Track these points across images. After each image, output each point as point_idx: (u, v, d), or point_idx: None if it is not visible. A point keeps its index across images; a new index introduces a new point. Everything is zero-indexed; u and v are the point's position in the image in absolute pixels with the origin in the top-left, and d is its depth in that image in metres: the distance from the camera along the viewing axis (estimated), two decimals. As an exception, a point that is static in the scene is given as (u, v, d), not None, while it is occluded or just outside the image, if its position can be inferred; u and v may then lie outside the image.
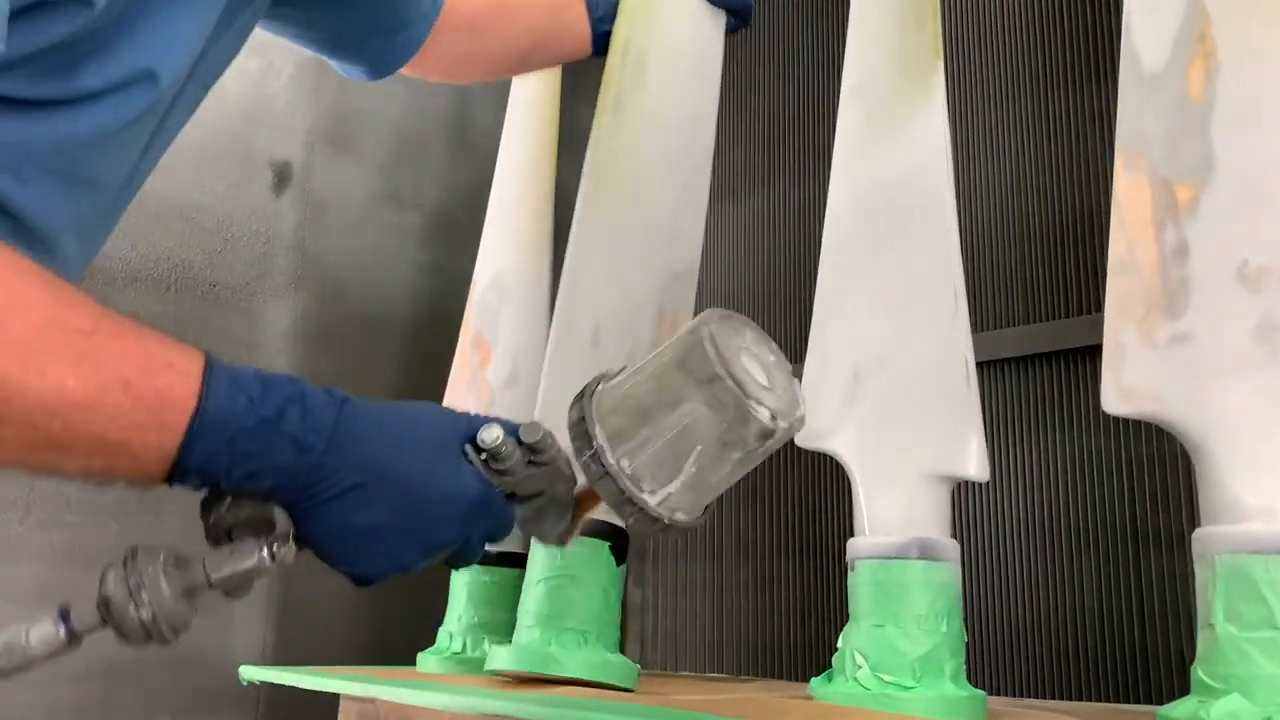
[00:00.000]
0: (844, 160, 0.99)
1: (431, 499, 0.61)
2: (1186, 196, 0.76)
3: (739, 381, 0.61)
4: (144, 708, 1.47)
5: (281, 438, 0.57)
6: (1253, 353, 0.71)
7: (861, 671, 0.82)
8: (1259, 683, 0.65)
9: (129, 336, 0.55)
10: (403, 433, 0.62)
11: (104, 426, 0.53)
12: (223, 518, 0.61)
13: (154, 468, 0.55)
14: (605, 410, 0.63)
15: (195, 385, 0.56)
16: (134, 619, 0.57)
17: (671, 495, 0.63)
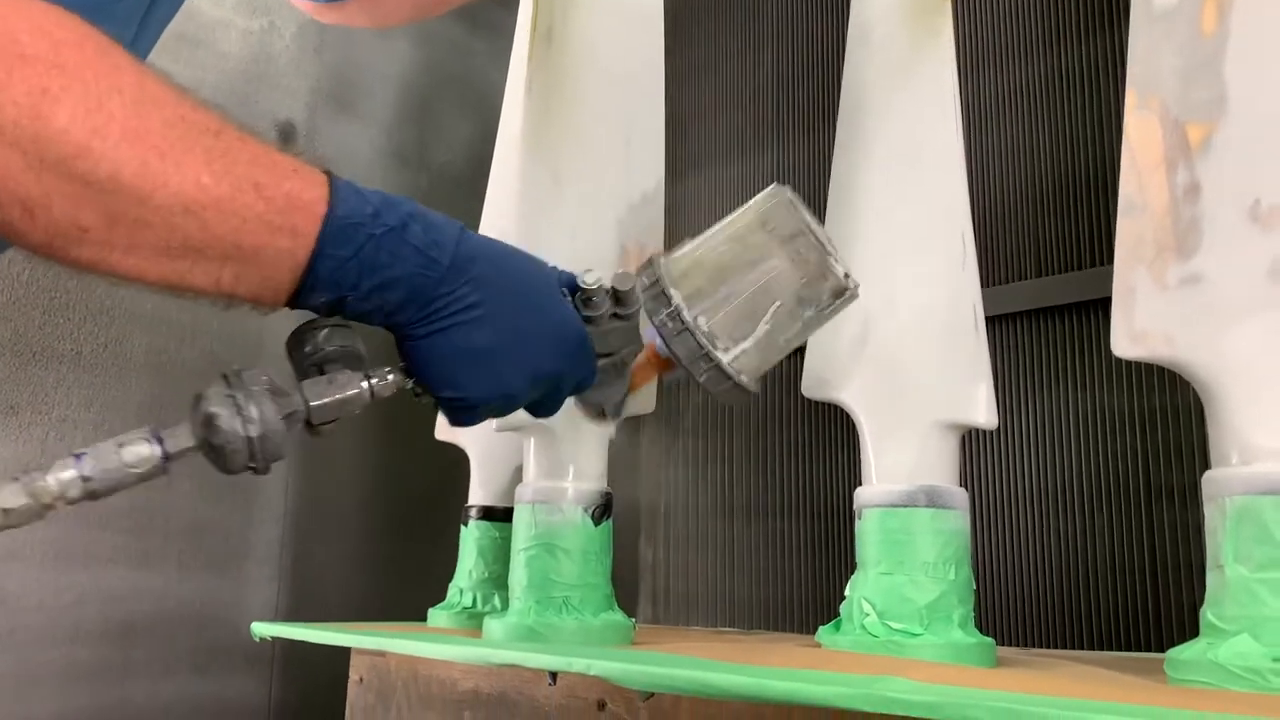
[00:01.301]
0: (850, 106, 0.97)
1: (543, 326, 0.62)
2: (1198, 136, 0.74)
3: (819, 238, 0.64)
4: (162, 667, 1.49)
5: (408, 248, 0.57)
6: (1266, 292, 0.69)
7: (869, 619, 0.82)
8: (1268, 623, 0.64)
9: (253, 143, 0.54)
10: (513, 263, 0.63)
11: (238, 229, 0.52)
12: (320, 347, 0.60)
13: (284, 277, 0.54)
14: (678, 274, 0.66)
15: (323, 191, 0.55)
16: (240, 437, 0.54)
17: (744, 353, 0.66)
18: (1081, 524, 1.35)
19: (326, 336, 0.60)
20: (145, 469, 0.55)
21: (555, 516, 0.96)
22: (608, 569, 0.99)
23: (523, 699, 0.88)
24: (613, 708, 0.81)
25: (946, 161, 0.89)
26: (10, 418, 1.40)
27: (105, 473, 0.54)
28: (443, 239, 0.59)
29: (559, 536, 0.95)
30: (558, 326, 0.63)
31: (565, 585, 0.93)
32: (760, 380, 0.68)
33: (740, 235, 0.66)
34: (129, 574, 1.46)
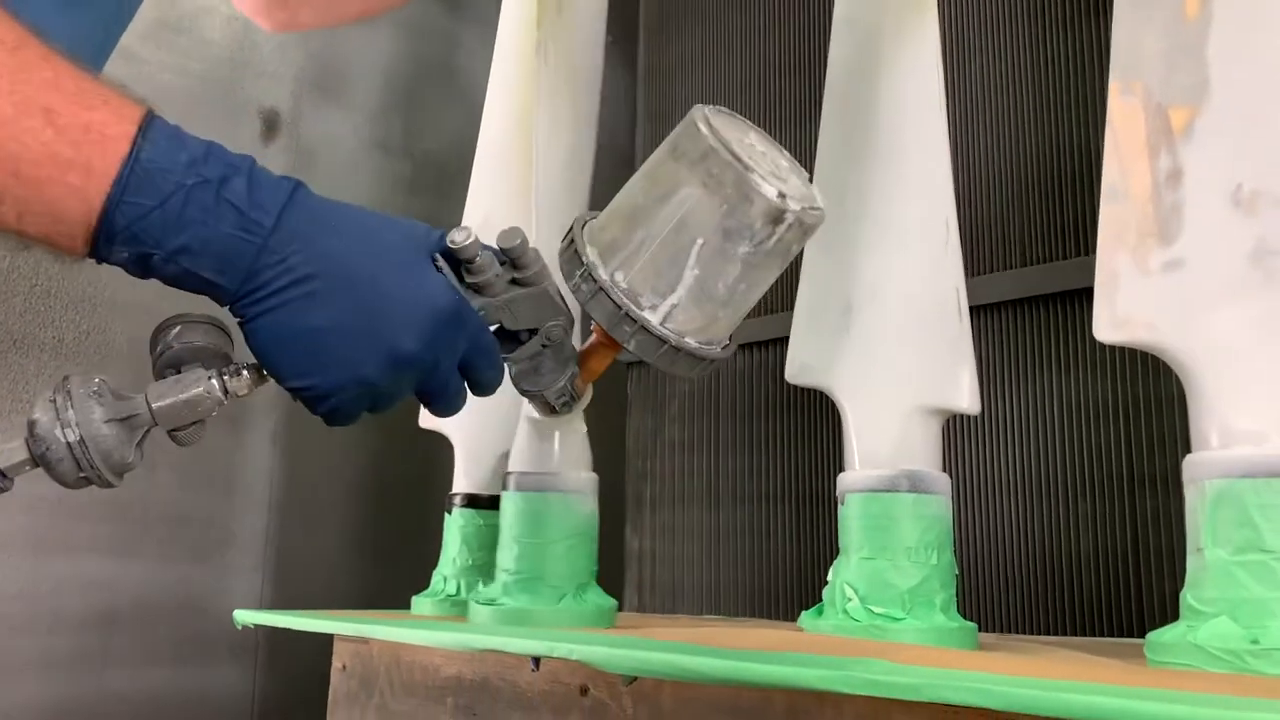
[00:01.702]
0: (835, 90, 0.97)
1: (394, 300, 0.54)
2: (1181, 120, 0.75)
3: (734, 154, 0.54)
4: (143, 656, 1.48)
5: (224, 206, 0.50)
6: (1247, 277, 0.70)
7: (851, 604, 0.82)
8: (1246, 605, 0.65)
9: (60, 65, 0.48)
10: (363, 228, 0.55)
11: (17, 155, 0.46)
12: (169, 345, 0.56)
13: (77, 219, 0.49)
14: (596, 229, 0.57)
15: (131, 128, 0.49)
16: (61, 443, 0.51)
17: (676, 309, 0.56)
18: (1064, 511, 1.36)
19: (178, 334, 0.56)
20: None
21: (542, 502, 0.96)
22: (593, 553, 0.99)
23: (505, 684, 0.88)
24: (595, 693, 0.81)
25: (931, 148, 0.89)
26: (-13, 404, 1.39)
27: None
28: (268, 199, 0.52)
29: (545, 521, 0.95)
30: (417, 297, 0.55)
31: (549, 572, 0.93)
32: (716, 338, 0.59)
33: (651, 171, 0.57)
34: (109, 563, 1.46)
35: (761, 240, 0.55)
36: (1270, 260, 0.69)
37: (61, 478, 0.53)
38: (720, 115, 0.58)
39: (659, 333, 0.56)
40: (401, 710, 0.98)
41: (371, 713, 1.01)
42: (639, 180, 0.58)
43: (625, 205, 0.57)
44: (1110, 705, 0.49)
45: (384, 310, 0.54)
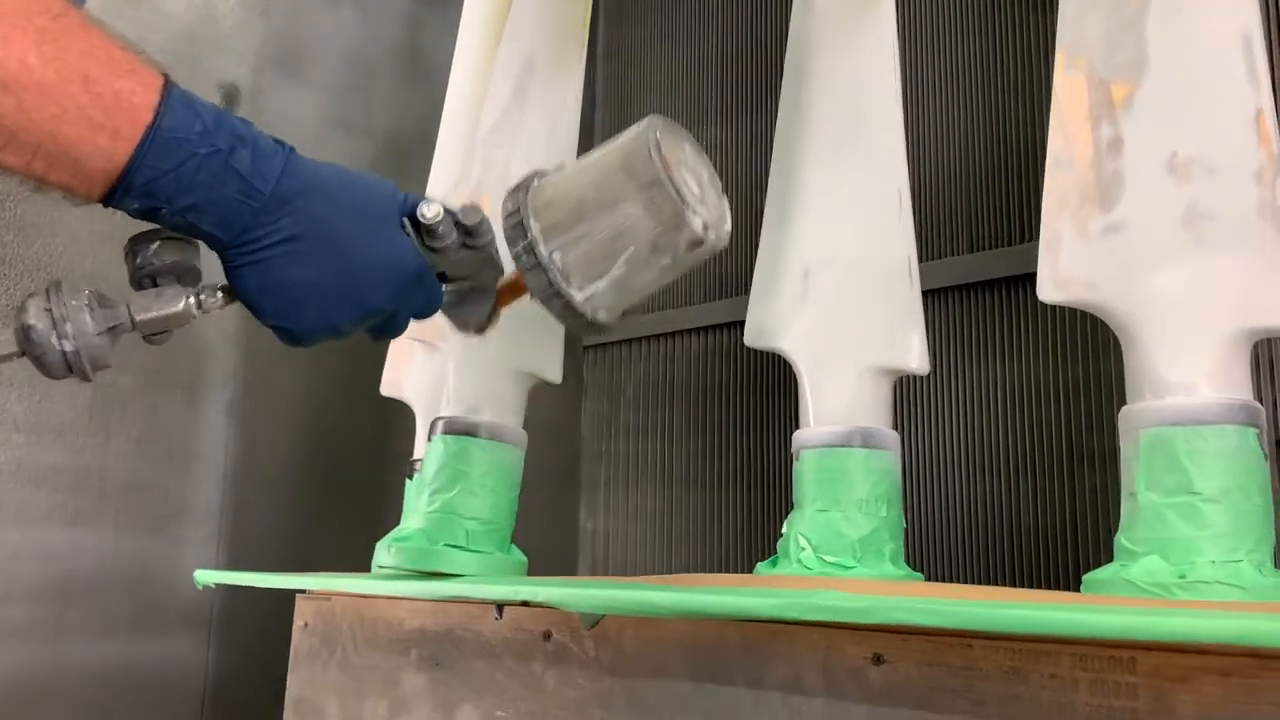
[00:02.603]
0: (794, 67, 1.01)
1: (368, 264, 0.61)
2: (1122, 94, 0.79)
3: (678, 189, 0.62)
4: (98, 626, 1.47)
5: (230, 174, 0.55)
6: (1180, 239, 0.74)
7: (805, 554, 0.86)
8: (1175, 544, 0.69)
9: (96, 35, 0.53)
10: (346, 193, 0.61)
11: (57, 118, 0.51)
12: (149, 260, 0.61)
13: (98, 176, 0.54)
14: (541, 203, 0.64)
15: (154, 98, 0.54)
16: (56, 350, 0.57)
17: (597, 293, 0.65)
18: (1006, 488, 1.41)
19: (158, 250, 0.61)
20: None
21: (467, 447, 0.97)
22: (513, 506, 1.00)
23: (469, 634, 0.90)
24: (558, 637, 0.84)
25: (886, 121, 0.93)
26: (-54, 373, 1.39)
27: None
28: (267, 167, 0.57)
29: (468, 468, 0.97)
30: (388, 261, 0.62)
31: (470, 518, 0.95)
32: (618, 315, 0.68)
33: (603, 174, 0.64)
34: (64, 532, 1.45)
35: (680, 258, 0.65)
36: (1201, 224, 0.74)
37: (48, 372, 0.58)
38: (668, 132, 0.65)
39: (580, 309, 0.65)
40: (364, 664, 0.99)
41: (334, 668, 1.02)
42: (589, 176, 0.65)
43: (574, 195, 0.65)
44: (1053, 618, 0.53)
45: (358, 271, 0.61)
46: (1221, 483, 0.69)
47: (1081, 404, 1.37)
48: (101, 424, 1.50)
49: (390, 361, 1.30)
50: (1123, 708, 0.57)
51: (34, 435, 1.44)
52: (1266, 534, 0.69)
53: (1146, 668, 0.57)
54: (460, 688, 0.90)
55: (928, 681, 0.64)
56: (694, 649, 0.75)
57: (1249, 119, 0.73)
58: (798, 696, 0.70)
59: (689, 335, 1.81)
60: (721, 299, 1.74)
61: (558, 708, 0.82)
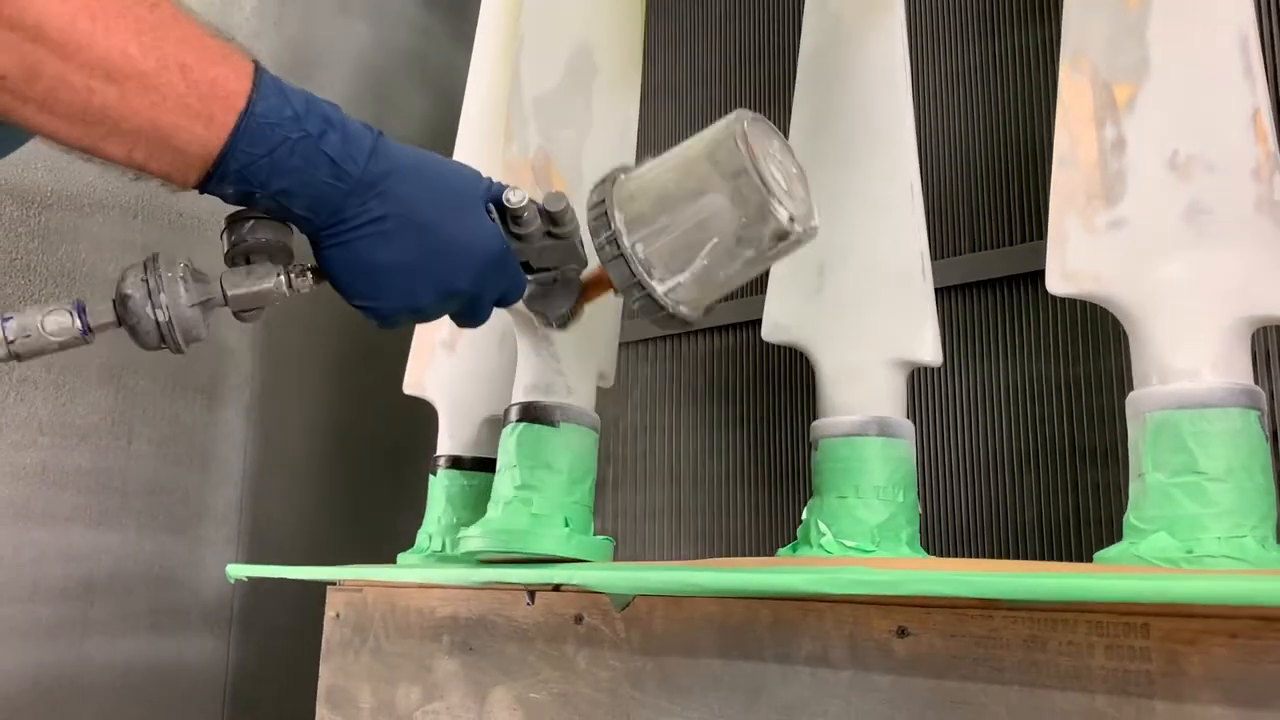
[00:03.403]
0: (807, 71, 1.04)
1: (453, 245, 0.62)
2: (1124, 96, 0.83)
3: (764, 179, 0.62)
4: (121, 625, 1.51)
5: (321, 158, 0.57)
6: (1182, 233, 0.78)
7: (825, 539, 0.89)
8: (1182, 521, 0.72)
9: (190, 24, 0.54)
10: (432, 176, 0.62)
11: (156, 105, 0.52)
12: (244, 238, 0.62)
13: (195, 163, 0.55)
14: (626, 195, 0.65)
15: (247, 85, 0.55)
16: (150, 319, 0.58)
17: (680, 286, 0.65)
18: (1010, 482, 1.44)
19: (252, 228, 0.62)
20: (65, 338, 0.59)
21: (547, 435, 0.99)
22: (591, 496, 1.02)
23: (501, 619, 0.94)
24: (589, 619, 0.87)
25: (897, 121, 0.97)
26: (-30, 377, 1.42)
27: (27, 338, 0.58)
28: (356, 151, 0.58)
29: (551, 455, 0.98)
30: (472, 244, 0.63)
31: (551, 502, 0.96)
32: (702, 310, 0.67)
33: (687, 164, 0.64)
34: (88, 533, 1.48)
35: (764, 250, 0.65)
36: (1201, 218, 0.78)
37: (143, 343, 0.60)
38: (755, 124, 0.65)
39: (663, 302, 0.65)
40: (397, 651, 1.02)
41: (366, 655, 1.05)
42: (674, 166, 0.65)
43: (657, 186, 0.65)
44: (1074, 585, 0.56)
45: (443, 252, 0.62)
46: (1226, 463, 0.72)
47: (1083, 400, 1.40)
48: (124, 427, 1.53)
49: (413, 360, 1.33)
50: (1137, 670, 0.61)
51: (59, 438, 1.47)
52: (1269, 511, 0.73)
53: (1159, 632, 0.60)
54: (493, 671, 0.93)
55: (950, 651, 0.68)
56: (724, 628, 0.79)
57: (1247, 118, 0.77)
58: (825, 669, 0.73)
59: (696, 336, 1.85)
60: (727, 300, 1.78)
61: (590, 688, 0.86)
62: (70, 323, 0.59)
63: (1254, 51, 0.79)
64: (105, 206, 1.54)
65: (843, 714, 0.72)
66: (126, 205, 1.56)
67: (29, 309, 0.59)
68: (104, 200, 1.54)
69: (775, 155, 0.65)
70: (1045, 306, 1.43)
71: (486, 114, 1.39)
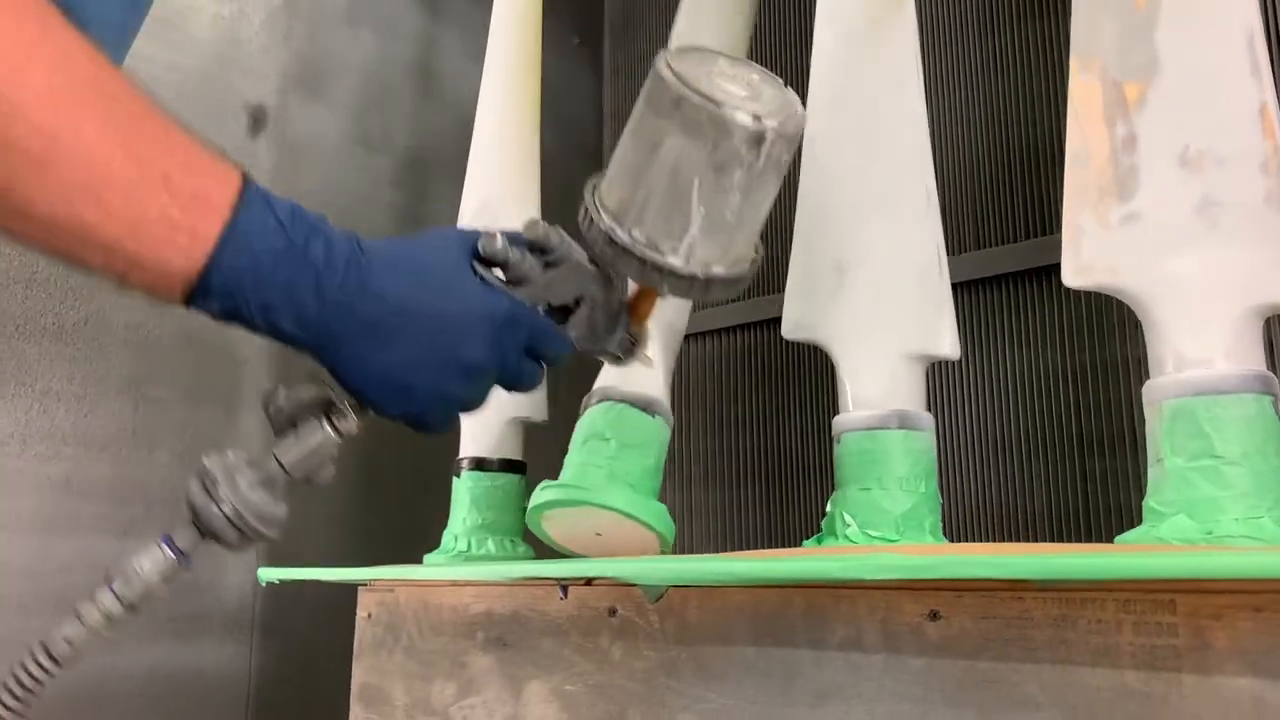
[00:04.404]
0: (820, 79, 1.07)
1: (450, 323, 0.59)
2: (1134, 94, 0.85)
3: (705, 94, 0.57)
4: (146, 633, 1.52)
5: (306, 268, 0.55)
6: (1195, 226, 0.80)
7: (850, 529, 0.91)
8: (1200, 504, 0.75)
9: (175, 134, 0.53)
10: (412, 262, 0.60)
11: (138, 216, 0.50)
12: (281, 408, 0.62)
13: (177, 276, 0.53)
14: (604, 190, 0.62)
15: (232, 195, 0.54)
16: (219, 516, 0.59)
17: (695, 246, 0.60)
18: (1019, 472, 1.47)
19: (286, 395, 0.62)
20: (168, 573, 0.61)
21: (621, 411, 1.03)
22: (659, 474, 1.04)
23: (535, 614, 0.96)
24: (623, 612, 0.89)
25: (910, 121, 1.00)
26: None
27: (132, 587, 0.61)
28: (338, 258, 0.57)
29: (623, 430, 1.02)
30: (468, 313, 0.60)
31: (623, 471, 0.99)
32: (744, 262, 0.62)
33: (635, 128, 0.60)
34: (112, 543, 1.50)
35: (751, 163, 0.58)
36: (1214, 211, 0.80)
37: (228, 545, 0.61)
38: (684, 56, 0.60)
39: (687, 272, 0.60)
40: (430, 649, 1.04)
41: (399, 654, 1.08)
42: (627, 139, 0.61)
43: (621, 166, 0.61)
44: (1105, 563, 0.59)
45: (446, 335, 0.59)
46: (1241, 447, 0.75)
47: (1090, 391, 1.43)
48: (145, 438, 1.55)
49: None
50: (1164, 646, 0.63)
51: (82, 449, 1.49)
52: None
53: (1185, 608, 0.63)
54: (527, 665, 0.95)
55: (982, 632, 0.70)
56: (757, 616, 0.81)
57: (1255, 113, 0.80)
58: (858, 654, 0.76)
59: (703, 338, 1.87)
60: (733, 302, 1.81)
61: (625, 678, 0.88)
62: (164, 557, 0.61)
63: (1260, 48, 0.82)
64: (122, 219, 1.56)
65: (876, 697, 0.74)
66: (143, 218, 1.58)
67: (121, 563, 0.61)
68: (121, 213, 1.55)
69: (722, 72, 0.61)
70: (1051, 301, 1.46)
71: (500, 125, 1.41)
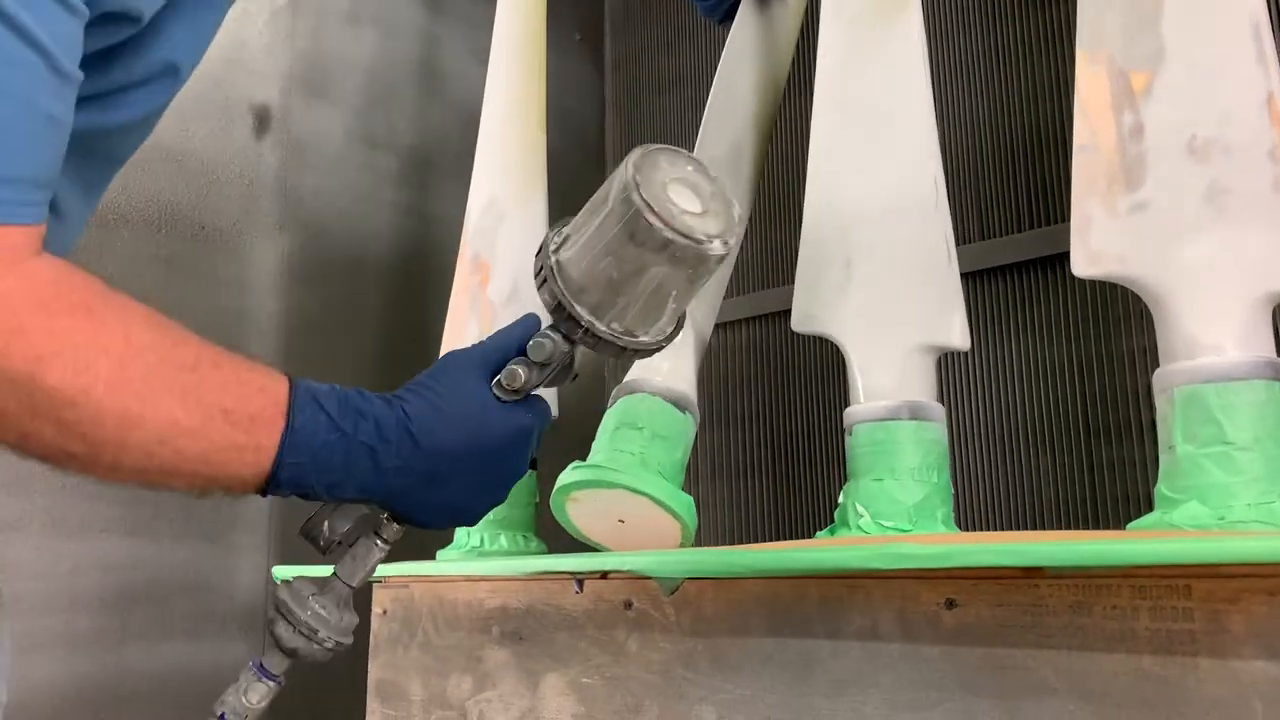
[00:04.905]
0: (827, 71, 1.07)
1: (494, 453, 0.68)
2: (1141, 83, 0.86)
3: (687, 234, 0.65)
4: (158, 633, 1.53)
5: (359, 448, 0.64)
6: (1202, 214, 0.81)
7: (863, 520, 0.92)
8: (1213, 490, 0.76)
9: (225, 368, 0.61)
10: (450, 414, 0.67)
11: (207, 450, 0.59)
12: (329, 538, 0.70)
13: (251, 481, 0.62)
14: (576, 288, 0.68)
15: (283, 407, 0.62)
16: (322, 650, 0.67)
17: (659, 326, 0.71)
18: (1026, 462, 1.48)
19: (330, 526, 0.70)
20: (268, 698, 0.69)
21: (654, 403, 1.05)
22: (684, 467, 1.06)
23: (550, 609, 0.96)
24: (639, 604, 0.90)
25: (918, 114, 1.00)
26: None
27: (240, 716, 0.68)
28: (387, 431, 0.65)
29: (653, 421, 1.03)
30: (510, 440, 0.69)
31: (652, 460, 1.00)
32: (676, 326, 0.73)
33: (614, 249, 0.66)
34: (124, 543, 1.51)
35: (715, 271, 0.70)
36: (1222, 198, 0.81)
37: (318, 662, 0.69)
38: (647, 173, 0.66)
39: (653, 345, 0.71)
40: (446, 644, 1.05)
41: (415, 650, 1.08)
42: (603, 253, 0.67)
43: (600, 276, 0.68)
44: (1122, 549, 0.59)
45: (493, 465, 0.69)
46: (1253, 432, 0.75)
47: (1095, 380, 1.44)
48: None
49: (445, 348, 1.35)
50: (1181, 630, 0.64)
51: (93, 450, 1.50)
52: (1295, 478, 0.76)
53: (1201, 592, 0.63)
54: (544, 659, 0.96)
55: (998, 620, 0.71)
56: (773, 607, 0.82)
57: (1261, 102, 0.80)
58: (875, 643, 0.76)
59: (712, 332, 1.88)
60: (740, 295, 1.81)
61: (642, 670, 0.88)
62: (266, 688, 0.68)
63: (1266, 38, 0.82)
64: (129, 221, 1.56)
65: (894, 685, 0.75)
66: (149, 220, 1.59)
67: (226, 696, 0.68)
68: (127, 215, 1.56)
69: (678, 177, 0.68)
70: (1057, 291, 1.47)
71: (505, 123, 1.41)
